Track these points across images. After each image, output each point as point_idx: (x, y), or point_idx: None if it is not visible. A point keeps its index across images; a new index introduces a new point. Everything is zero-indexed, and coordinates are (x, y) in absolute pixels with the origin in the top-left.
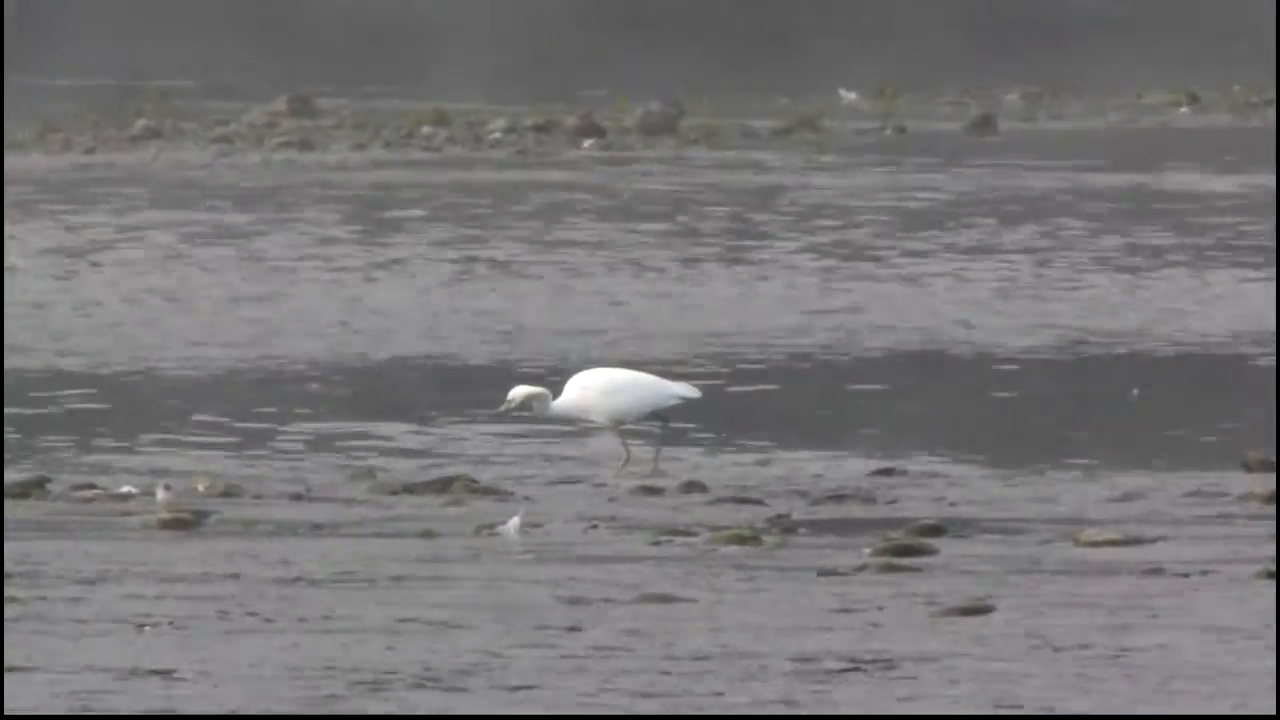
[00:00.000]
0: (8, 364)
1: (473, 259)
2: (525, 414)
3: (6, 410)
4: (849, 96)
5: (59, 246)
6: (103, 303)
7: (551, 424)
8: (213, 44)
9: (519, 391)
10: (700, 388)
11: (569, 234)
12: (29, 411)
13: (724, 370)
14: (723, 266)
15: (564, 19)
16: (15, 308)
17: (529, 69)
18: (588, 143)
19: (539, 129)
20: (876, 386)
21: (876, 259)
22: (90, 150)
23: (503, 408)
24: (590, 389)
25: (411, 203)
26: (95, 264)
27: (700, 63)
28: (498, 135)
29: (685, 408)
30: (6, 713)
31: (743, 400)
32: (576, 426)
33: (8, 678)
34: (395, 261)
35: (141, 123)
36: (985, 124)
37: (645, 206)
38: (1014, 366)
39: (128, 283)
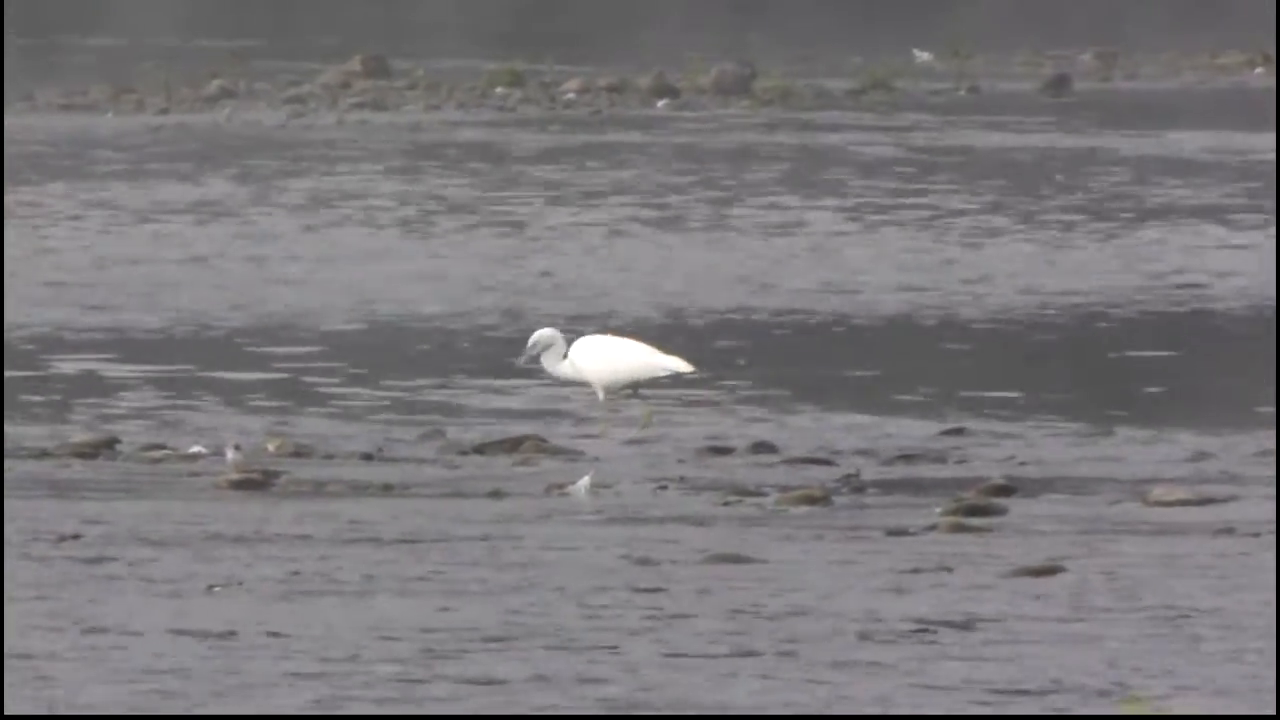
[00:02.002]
0: (79, 321)
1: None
2: (535, 365)
3: (75, 367)
4: (923, 56)
5: (148, 205)
6: (174, 261)
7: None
8: (285, 3)
9: (544, 334)
10: (773, 345)
11: (655, 198)
12: (98, 370)
13: (796, 328)
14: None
15: None
16: (87, 267)
17: (605, 30)
18: (661, 103)
19: (613, 89)
20: (949, 345)
21: (955, 220)
22: (163, 111)
23: (523, 356)
24: (591, 355)
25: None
26: (166, 224)
27: (774, 22)
28: (572, 95)
29: (758, 367)
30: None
31: (813, 359)
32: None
33: (79, 639)
34: (464, 224)
35: (216, 83)
36: (1059, 84)
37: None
38: (1082, 327)
39: (200, 243)
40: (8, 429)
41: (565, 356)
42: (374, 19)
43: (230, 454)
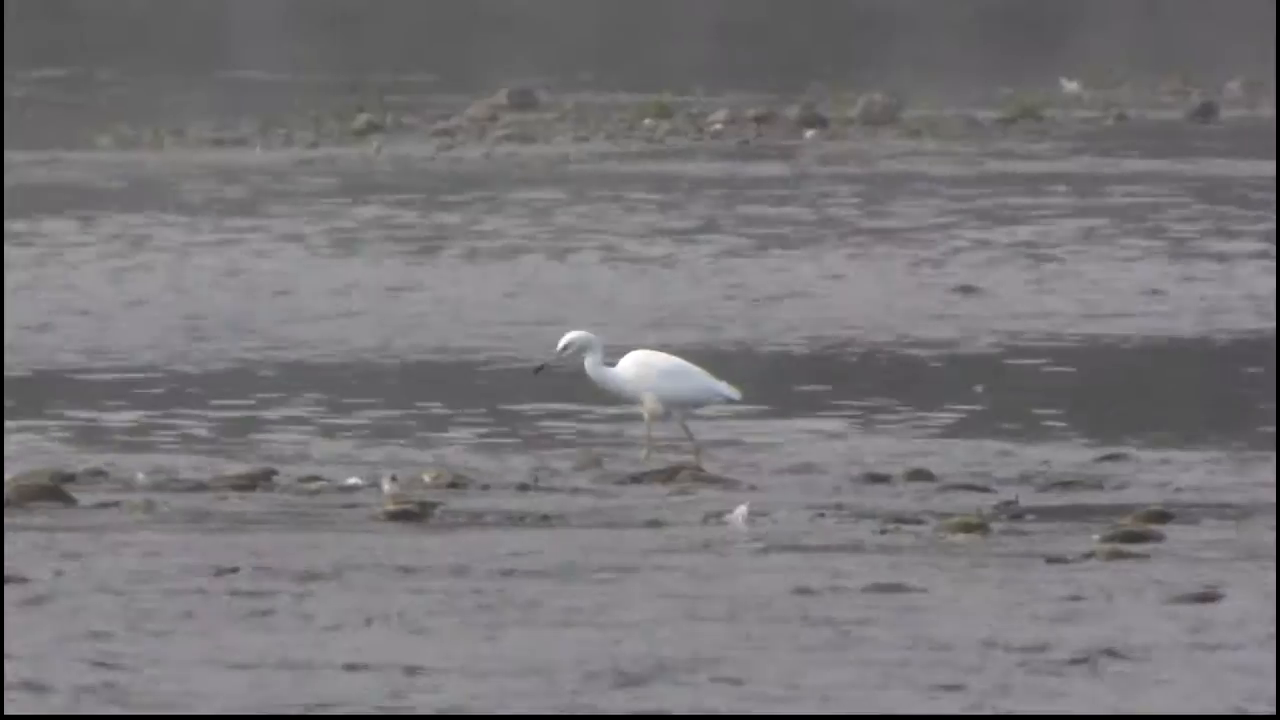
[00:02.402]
0: (231, 353)
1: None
2: (563, 367)
3: (236, 399)
4: (1070, 85)
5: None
6: (335, 293)
7: (593, 384)
8: (432, 38)
9: (578, 336)
10: (930, 372)
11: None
12: (255, 402)
13: (953, 356)
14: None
15: (786, 10)
16: (253, 297)
17: (751, 60)
18: (810, 133)
19: (760, 120)
20: (1104, 372)
21: (1108, 248)
22: (312, 145)
23: (553, 357)
24: (652, 368)
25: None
26: (322, 255)
27: (921, 53)
28: (719, 126)
29: (920, 398)
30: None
31: (969, 385)
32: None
33: (231, 673)
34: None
35: (363, 117)
36: (1207, 112)
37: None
38: (1241, 353)
39: (360, 274)
40: (167, 461)
41: (610, 364)
42: (520, 52)
43: (387, 485)
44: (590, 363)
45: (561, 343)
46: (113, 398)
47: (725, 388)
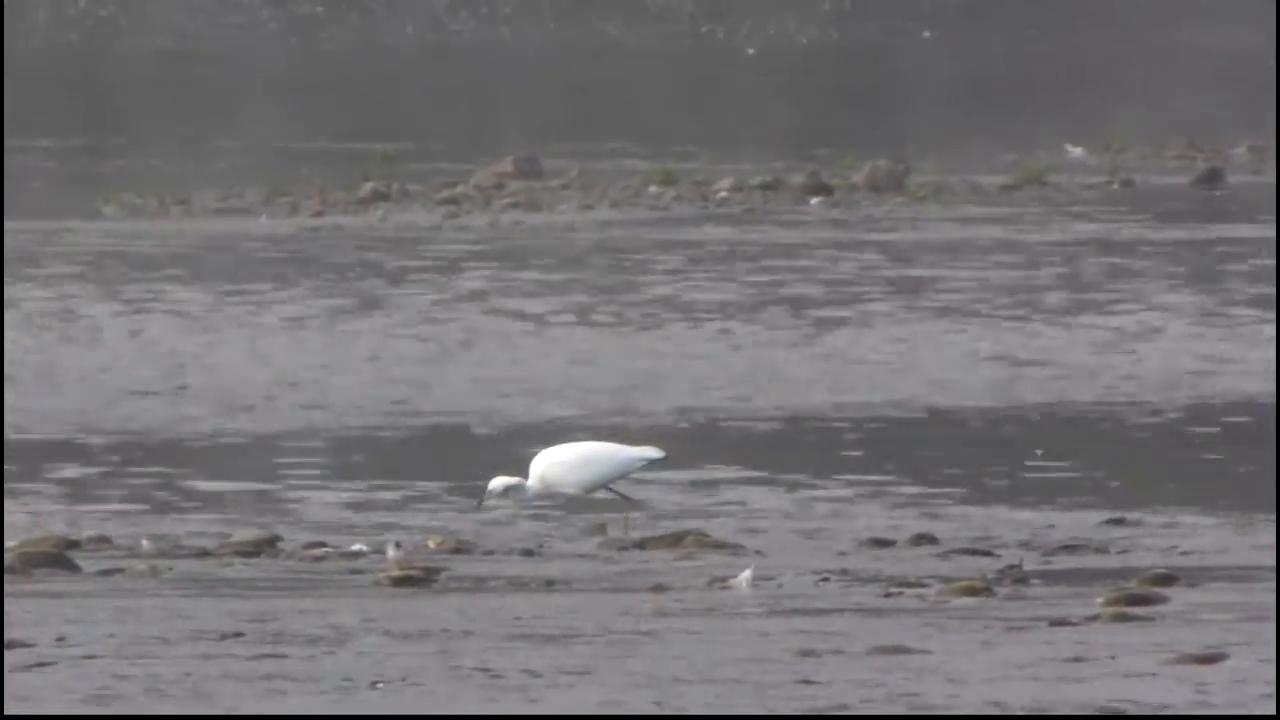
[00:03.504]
0: (245, 425)
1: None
2: (504, 504)
3: (239, 467)
4: (1075, 151)
5: (303, 312)
6: (337, 360)
7: (531, 506)
8: (436, 107)
9: (498, 483)
10: (929, 437)
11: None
12: (258, 469)
13: (955, 421)
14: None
15: (789, 79)
16: (239, 369)
17: (754, 129)
18: (815, 200)
19: (766, 187)
20: (1106, 437)
21: (1112, 312)
22: (318, 213)
23: (480, 502)
24: (557, 464)
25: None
26: (335, 325)
27: (926, 118)
28: (724, 194)
29: (924, 463)
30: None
31: (973, 451)
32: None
33: None
34: (627, 318)
35: (368, 185)
36: (1212, 178)
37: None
38: (1244, 417)
39: (363, 342)
40: (170, 530)
41: (528, 486)
42: (524, 120)
43: (391, 551)
44: (516, 499)
45: (492, 488)
46: (115, 464)
47: (644, 451)
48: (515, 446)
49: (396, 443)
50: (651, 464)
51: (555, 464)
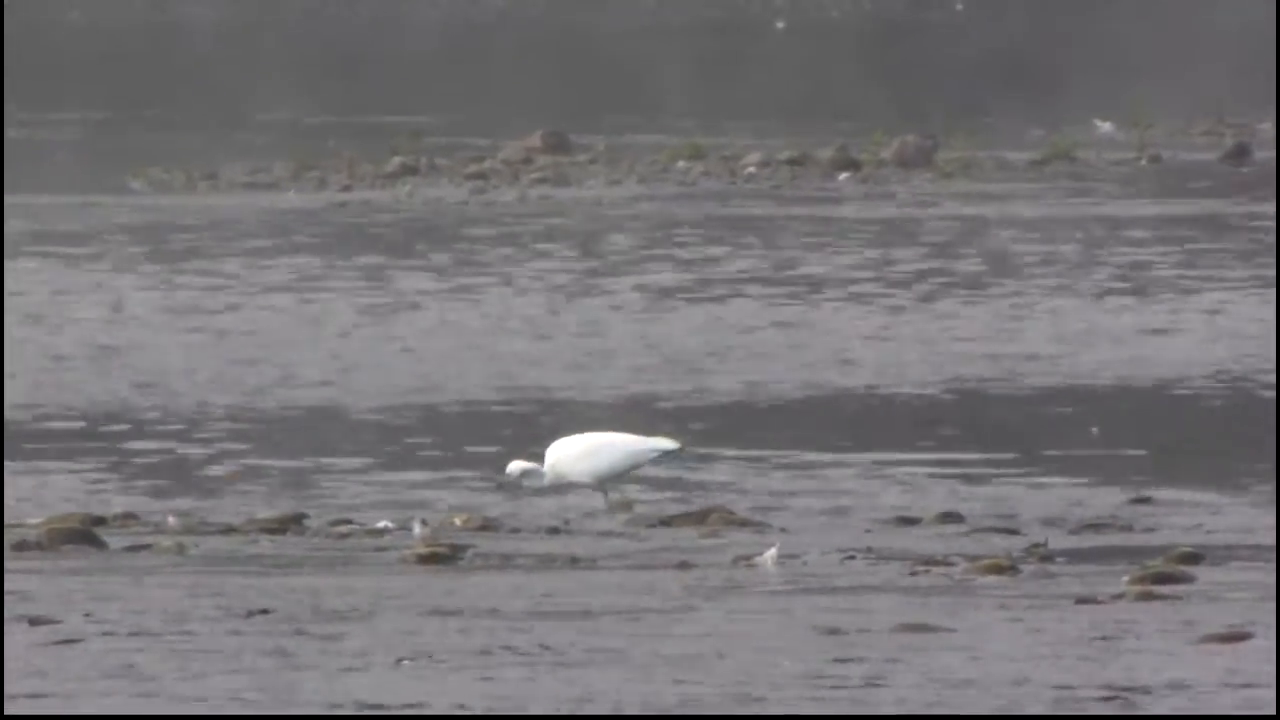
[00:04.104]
0: (273, 399)
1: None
2: (524, 489)
3: (261, 444)
4: (1104, 127)
5: (333, 283)
6: (363, 338)
7: (547, 493)
8: (464, 80)
9: (515, 467)
10: (959, 414)
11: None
12: (287, 446)
13: (981, 398)
14: (989, 297)
15: (818, 54)
16: (268, 345)
17: (783, 103)
18: (843, 175)
19: (794, 162)
20: (1134, 414)
21: (1145, 291)
22: (346, 188)
23: (501, 480)
24: (566, 454)
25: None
26: (359, 300)
27: (955, 94)
28: (752, 169)
29: (949, 441)
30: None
31: (1000, 429)
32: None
33: (270, 713)
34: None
35: (397, 160)
36: (1240, 153)
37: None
38: (1271, 394)
39: (392, 319)
40: (197, 505)
41: (544, 473)
42: (552, 94)
43: (417, 528)
44: (531, 484)
45: (511, 473)
46: (144, 440)
47: (658, 442)
48: (543, 425)
49: (423, 420)
50: (666, 455)
51: (565, 454)
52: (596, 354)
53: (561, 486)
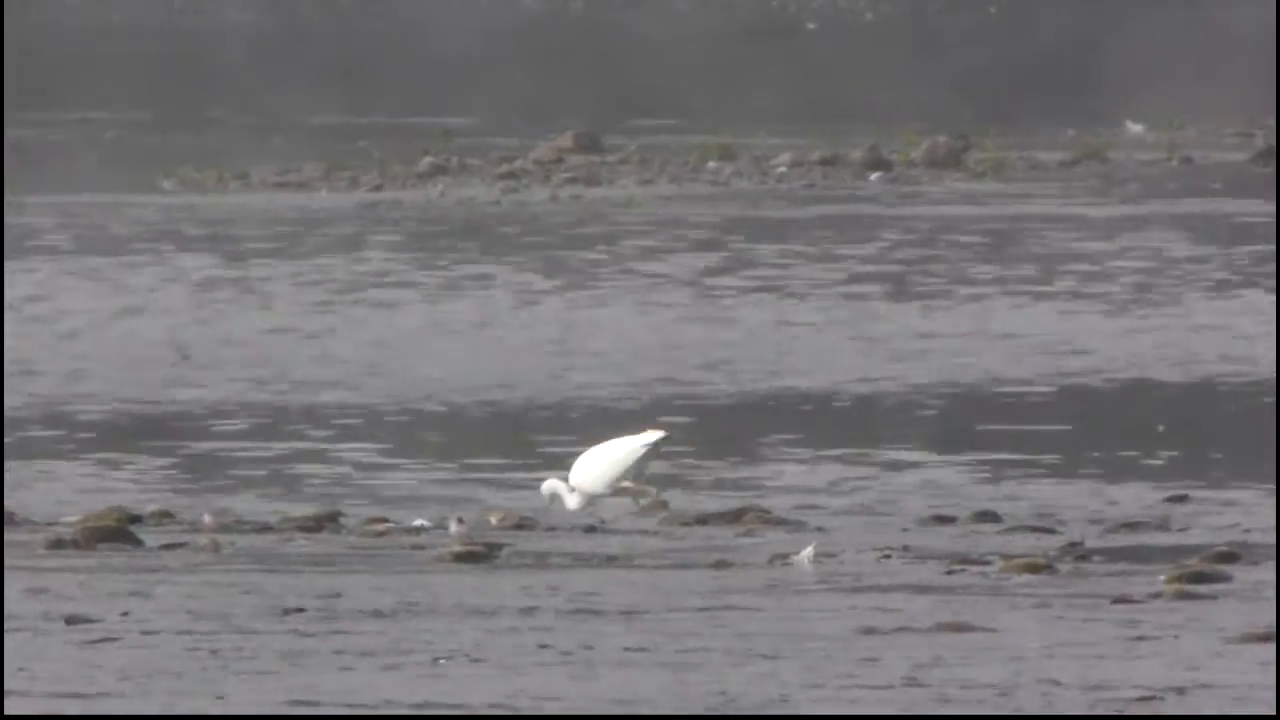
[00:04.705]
0: (311, 399)
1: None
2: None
3: (296, 443)
4: (1135, 128)
5: (363, 281)
6: (396, 335)
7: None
8: (496, 81)
9: (547, 486)
10: (998, 414)
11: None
12: (319, 445)
13: (1016, 396)
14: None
15: (850, 54)
16: (298, 344)
17: (815, 103)
18: (874, 175)
19: (825, 162)
20: (1169, 413)
21: (1176, 294)
22: (377, 188)
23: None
24: (574, 472)
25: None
26: (381, 301)
27: (987, 94)
28: (784, 169)
29: (985, 439)
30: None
31: (1035, 428)
32: (857, 458)
33: (297, 713)
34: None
35: (427, 160)
36: (1269, 155)
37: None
38: None
39: (424, 318)
40: (233, 504)
41: (568, 501)
42: (585, 95)
43: (454, 527)
44: (570, 504)
45: (545, 493)
46: (177, 438)
47: (645, 437)
48: (579, 422)
49: (460, 417)
50: (657, 445)
51: (574, 472)
52: (633, 352)
53: (587, 505)
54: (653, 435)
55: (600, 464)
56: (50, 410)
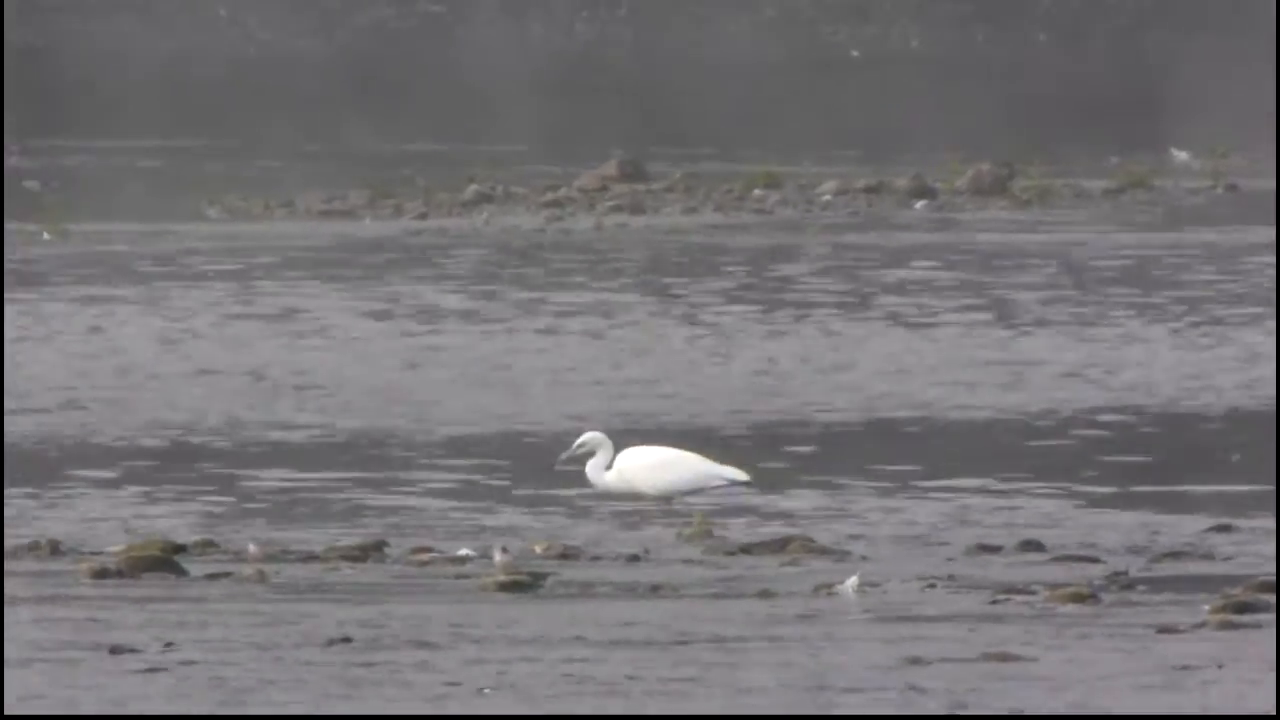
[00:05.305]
0: (338, 427)
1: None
2: (576, 466)
3: (353, 473)
4: (1180, 155)
5: (407, 309)
6: (436, 364)
7: (603, 491)
8: (544, 108)
9: (594, 436)
10: (1035, 442)
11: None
12: (364, 475)
13: (1063, 427)
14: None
15: (894, 82)
16: (337, 373)
17: (860, 131)
18: (919, 204)
19: (870, 190)
20: (1212, 442)
21: (1219, 319)
22: (422, 215)
23: (566, 454)
24: (636, 463)
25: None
26: (431, 329)
27: (1034, 124)
28: (829, 197)
29: (1030, 468)
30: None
31: (1080, 458)
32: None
33: None
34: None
35: (473, 188)
36: None
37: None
38: None
39: (470, 347)
40: (277, 534)
41: (609, 467)
42: (630, 122)
43: (498, 556)
44: (591, 464)
45: (578, 441)
46: (221, 468)
47: (728, 471)
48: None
49: (504, 446)
50: (734, 484)
51: (637, 463)
52: (683, 380)
53: (618, 491)
54: (737, 474)
55: (670, 472)
56: (96, 439)
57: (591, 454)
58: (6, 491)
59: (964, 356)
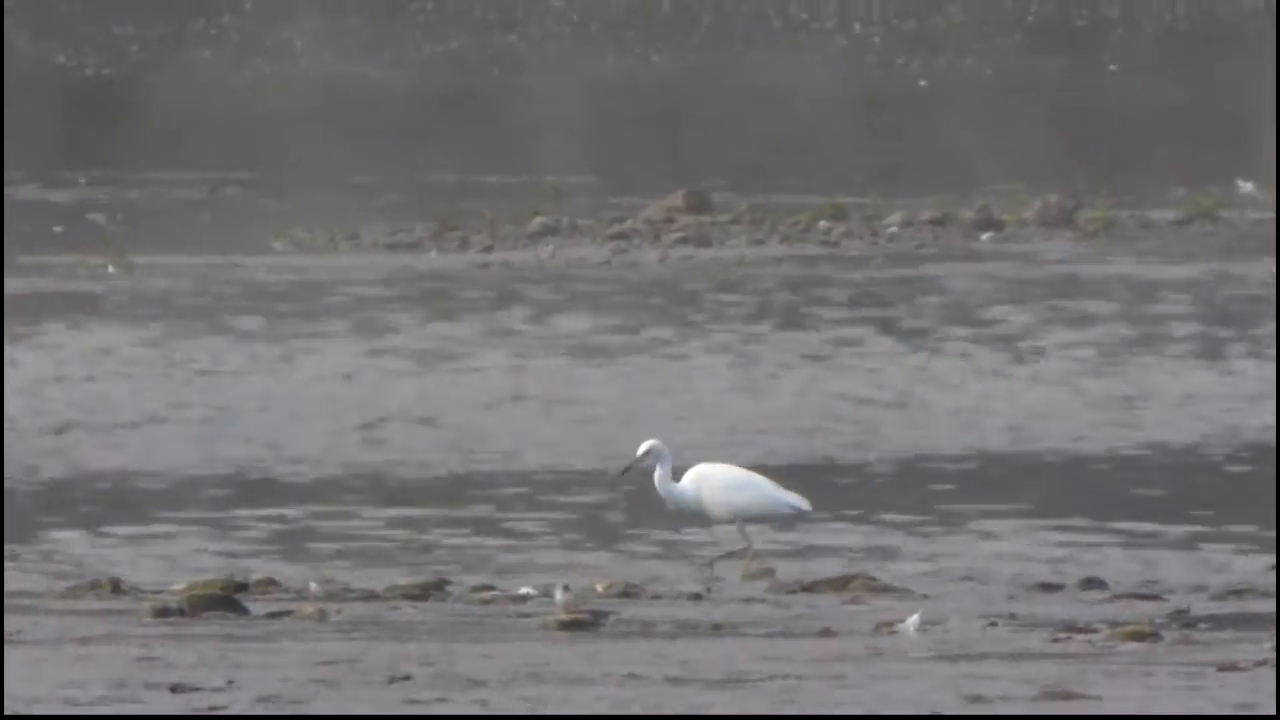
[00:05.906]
0: (399, 465)
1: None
2: (633, 473)
3: (412, 512)
4: (1246, 186)
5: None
6: (499, 402)
7: (658, 496)
8: (612, 139)
9: (653, 445)
10: (1103, 480)
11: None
12: (424, 513)
13: (1121, 463)
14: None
15: (962, 110)
16: (399, 409)
17: (926, 162)
18: (985, 236)
19: (935, 222)
20: (1271, 480)
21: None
22: (487, 248)
23: (629, 465)
24: (713, 481)
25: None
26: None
27: (1102, 155)
28: (894, 229)
29: (1091, 506)
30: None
31: (1141, 494)
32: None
33: None
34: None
35: (538, 220)
36: None
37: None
38: None
39: (534, 382)
40: (338, 574)
41: (675, 485)
42: (694, 154)
43: (559, 595)
44: (659, 476)
45: (641, 449)
46: (283, 506)
47: (794, 498)
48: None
49: (566, 484)
50: (796, 512)
51: (710, 482)
52: (744, 414)
53: (685, 505)
54: (799, 501)
55: (741, 495)
56: (160, 475)
57: (654, 465)
58: (77, 529)
59: (1018, 395)
